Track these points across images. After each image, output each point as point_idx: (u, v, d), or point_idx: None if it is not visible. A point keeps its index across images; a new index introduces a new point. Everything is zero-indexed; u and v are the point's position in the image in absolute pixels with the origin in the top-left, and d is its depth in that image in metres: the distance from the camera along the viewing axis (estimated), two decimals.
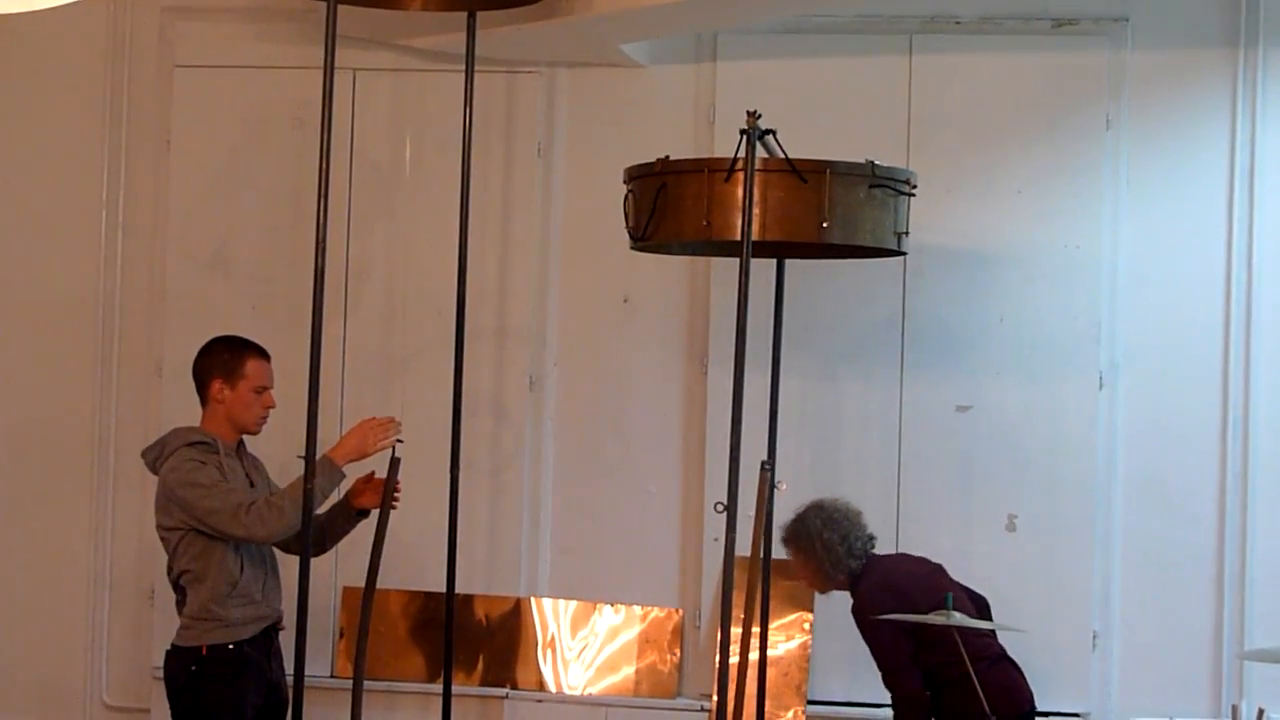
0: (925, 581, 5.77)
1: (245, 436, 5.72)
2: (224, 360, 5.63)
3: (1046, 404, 6.61)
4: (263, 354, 5.69)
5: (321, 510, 5.61)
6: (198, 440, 5.54)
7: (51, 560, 7.19)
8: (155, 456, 5.60)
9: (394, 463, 5.66)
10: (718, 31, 6.82)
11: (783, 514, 6.05)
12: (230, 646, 5.51)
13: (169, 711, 5.62)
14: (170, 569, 5.60)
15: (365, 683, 6.63)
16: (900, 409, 6.68)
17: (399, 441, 5.70)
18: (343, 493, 5.72)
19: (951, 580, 5.85)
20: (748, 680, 5.54)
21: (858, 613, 5.75)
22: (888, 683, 5.73)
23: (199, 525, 5.45)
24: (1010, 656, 5.83)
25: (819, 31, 6.78)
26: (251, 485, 5.66)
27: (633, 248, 5.51)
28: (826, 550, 5.78)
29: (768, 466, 5.71)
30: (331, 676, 6.88)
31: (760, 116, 5.05)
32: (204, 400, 5.66)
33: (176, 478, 5.47)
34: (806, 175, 5.07)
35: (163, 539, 5.60)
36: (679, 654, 6.83)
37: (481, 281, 6.81)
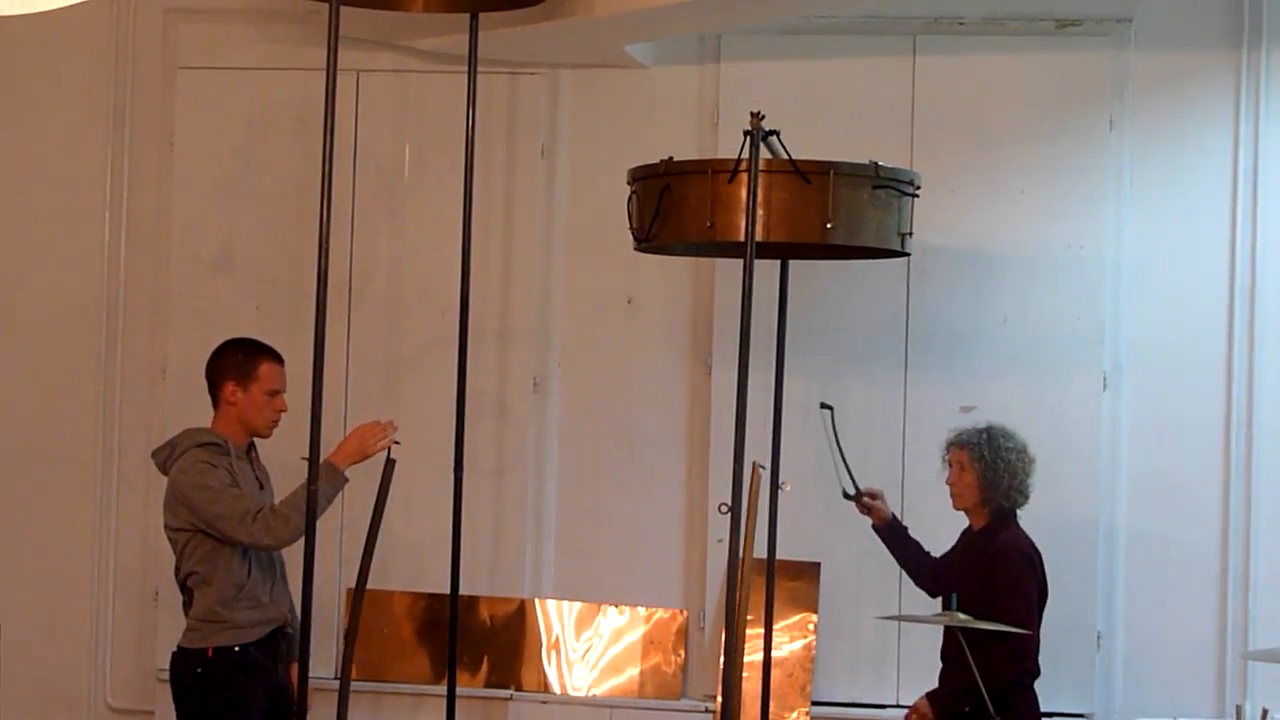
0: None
1: (255, 439, 5.74)
2: (237, 362, 5.64)
3: (1050, 404, 6.61)
4: (276, 357, 5.70)
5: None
6: (209, 441, 5.55)
7: (56, 561, 7.19)
8: (166, 457, 5.61)
9: (389, 464, 5.67)
10: (721, 32, 6.82)
11: (788, 515, 6.07)
12: (236, 649, 5.52)
13: (174, 713, 5.63)
14: (178, 570, 5.61)
15: (370, 684, 6.70)
16: (904, 409, 6.68)
17: (395, 443, 5.72)
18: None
19: None
20: (752, 681, 5.55)
21: (1005, 550, 5.61)
22: (1006, 634, 5.45)
23: (206, 528, 5.46)
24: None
25: (823, 32, 6.78)
26: (261, 488, 5.67)
27: (636, 249, 5.51)
28: (1008, 471, 5.66)
29: (762, 467, 5.70)
30: (335, 678, 6.85)
31: (764, 117, 5.05)
32: (216, 402, 5.67)
33: (186, 479, 5.48)
34: (810, 176, 5.07)
35: (171, 540, 5.60)
36: (683, 655, 6.83)
37: (485, 282, 6.81)
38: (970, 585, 5.54)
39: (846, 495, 5.99)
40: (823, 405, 6.00)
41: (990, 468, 5.67)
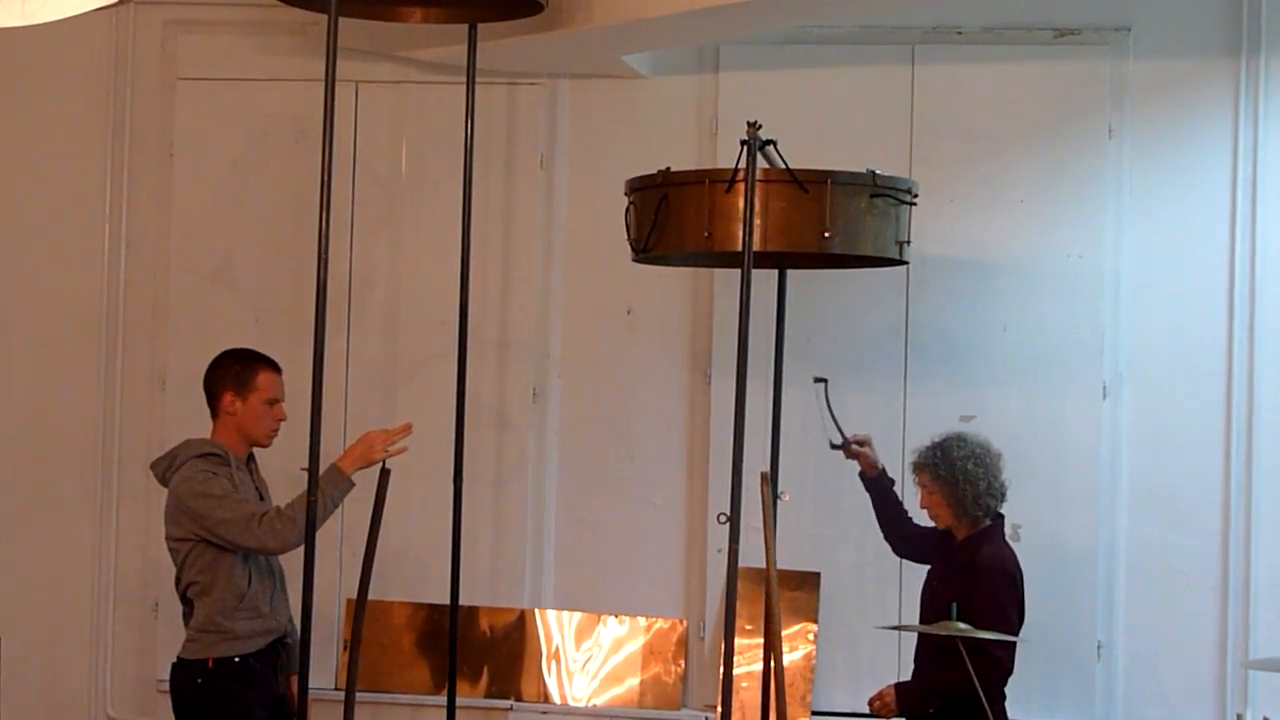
0: None
1: (255, 449, 5.74)
2: (235, 373, 5.64)
3: (1050, 413, 6.61)
4: (274, 367, 5.70)
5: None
6: (209, 452, 5.55)
7: (56, 573, 7.19)
8: (165, 468, 5.61)
9: (384, 474, 5.68)
10: (720, 42, 6.82)
11: (788, 525, 6.07)
12: (236, 660, 5.51)
13: None
14: (179, 581, 5.60)
15: (370, 695, 6.68)
16: (904, 419, 6.67)
17: (403, 449, 5.74)
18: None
19: None
20: (752, 691, 5.54)
21: (988, 566, 5.56)
22: (985, 644, 5.38)
23: (210, 536, 5.45)
24: None
25: (821, 42, 6.79)
26: (261, 498, 5.67)
27: (634, 259, 5.51)
28: (969, 481, 5.61)
29: (767, 477, 5.70)
30: (335, 689, 6.86)
31: (761, 127, 5.06)
32: (215, 412, 5.66)
33: (188, 488, 5.48)
34: (808, 185, 5.07)
35: (172, 550, 5.60)
36: (683, 665, 6.82)
37: (484, 293, 6.81)
38: (949, 596, 5.51)
39: (833, 445, 5.97)
40: (816, 379, 6.01)
41: (951, 483, 5.64)
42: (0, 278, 7.24)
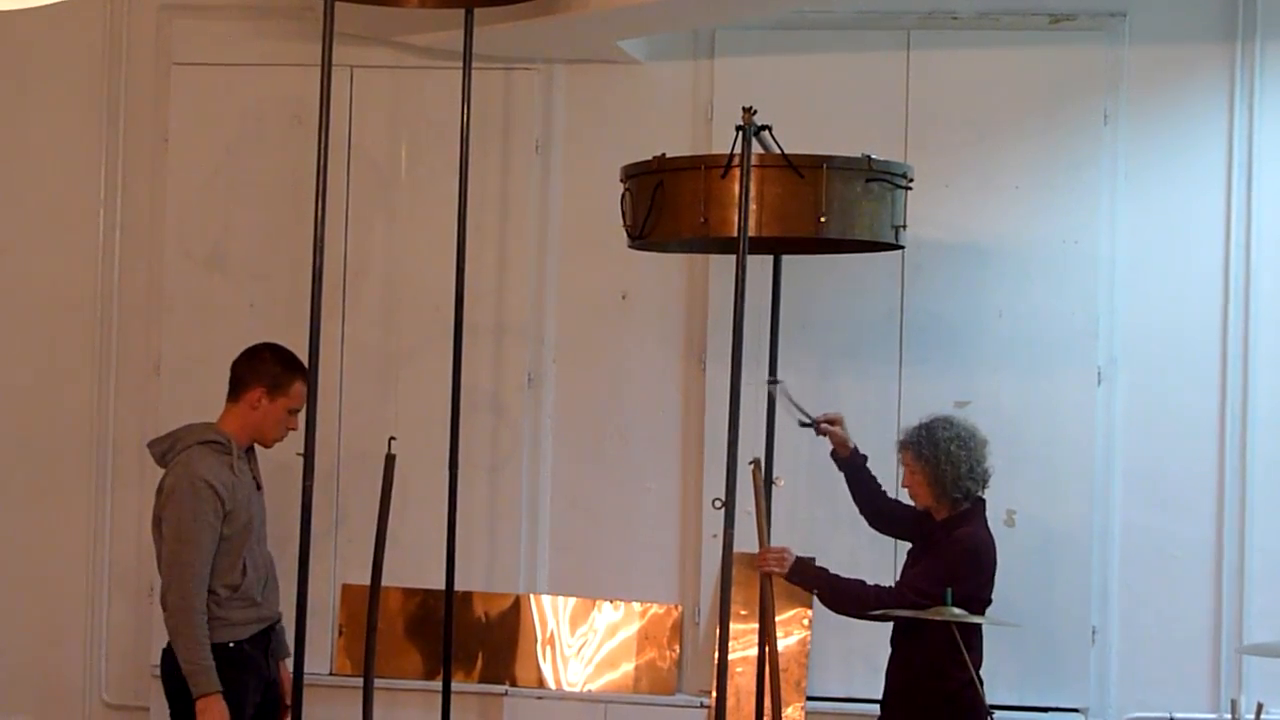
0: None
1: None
2: (274, 374, 5.59)
3: (1045, 399, 6.62)
4: (307, 377, 5.65)
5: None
6: (211, 439, 5.52)
7: (50, 558, 7.19)
8: (165, 450, 5.57)
9: (389, 460, 5.68)
10: (715, 28, 6.82)
11: (782, 511, 6.07)
12: (230, 645, 5.50)
13: (168, 710, 5.62)
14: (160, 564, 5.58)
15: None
16: (898, 404, 6.68)
17: (392, 439, 5.73)
18: None
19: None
20: (747, 676, 5.55)
21: (954, 544, 5.54)
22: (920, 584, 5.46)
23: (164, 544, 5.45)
24: None
25: (817, 27, 6.78)
26: (258, 488, 5.64)
27: (630, 246, 5.51)
28: (951, 463, 5.57)
29: (758, 463, 5.69)
30: (330, 674, 6.88)
31: (756, 112, 5.05)
32: (234, 398, 5.60)
33: (176, 504, 5.41)
34: (803, 170, 5.07)
35: (156, 540, 5.58)
36: (678, 650, 6.83)
37: (480, 279, 6.81)
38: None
39: (802, 423, 5.95)
40: (770, 381, 5.95)
41: (933, 463, 5.60)
42: None
